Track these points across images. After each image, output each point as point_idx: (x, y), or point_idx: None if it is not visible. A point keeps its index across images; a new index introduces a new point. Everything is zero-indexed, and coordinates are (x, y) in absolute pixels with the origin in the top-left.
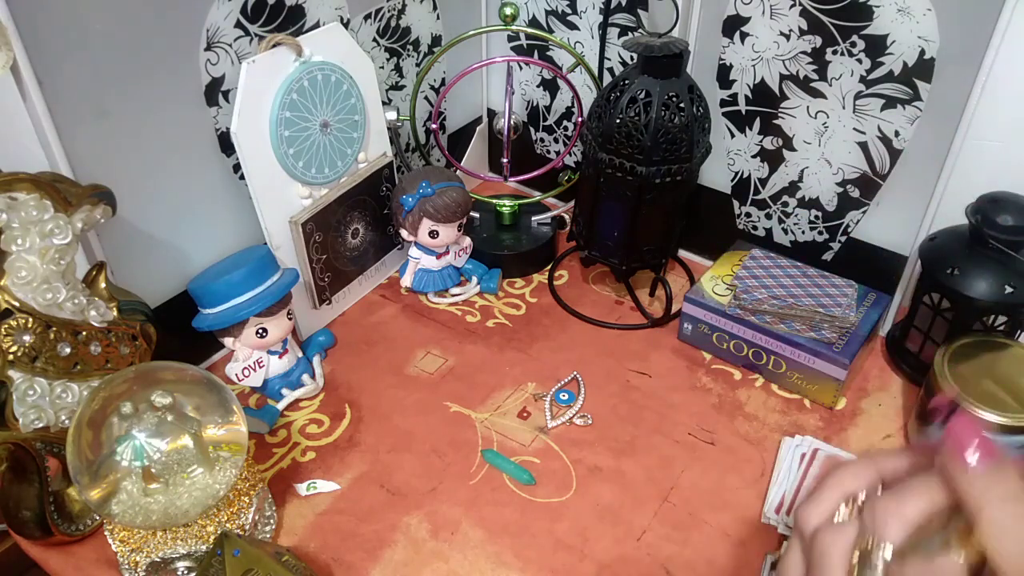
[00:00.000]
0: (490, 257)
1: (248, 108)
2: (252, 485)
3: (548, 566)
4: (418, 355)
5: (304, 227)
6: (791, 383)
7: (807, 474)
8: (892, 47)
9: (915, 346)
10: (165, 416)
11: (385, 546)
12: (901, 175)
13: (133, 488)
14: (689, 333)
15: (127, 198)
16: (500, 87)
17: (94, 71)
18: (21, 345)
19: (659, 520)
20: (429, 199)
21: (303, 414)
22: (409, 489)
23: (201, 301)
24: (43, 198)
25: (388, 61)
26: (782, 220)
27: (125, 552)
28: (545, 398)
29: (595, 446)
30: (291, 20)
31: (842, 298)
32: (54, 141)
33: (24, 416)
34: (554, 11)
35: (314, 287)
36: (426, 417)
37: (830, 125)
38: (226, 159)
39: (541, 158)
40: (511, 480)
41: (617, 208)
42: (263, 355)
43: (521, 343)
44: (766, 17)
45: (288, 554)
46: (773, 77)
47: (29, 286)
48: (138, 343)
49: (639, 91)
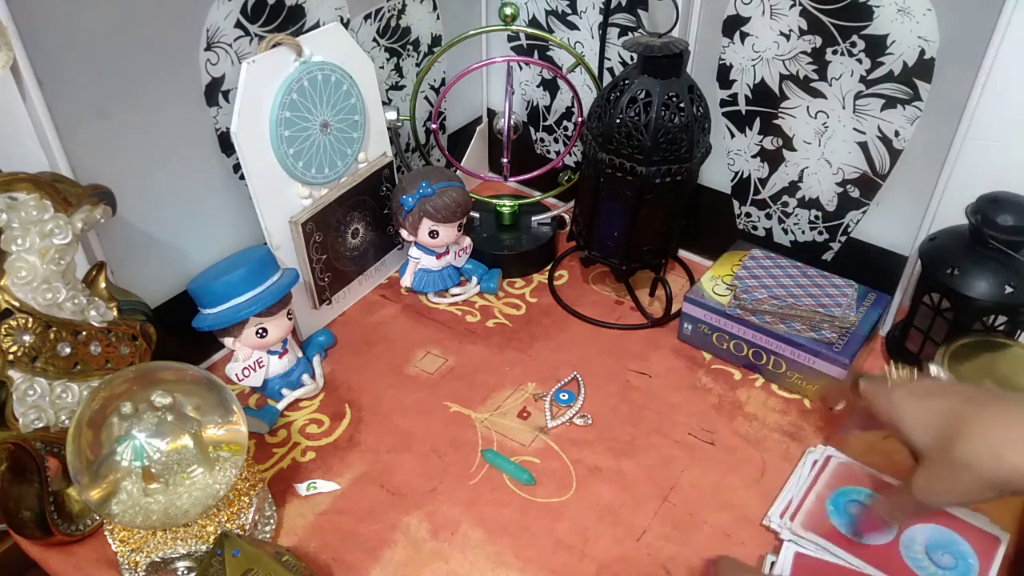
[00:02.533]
0: (490, 257)
1: (248, 108)
2: (252, 485)
3: (548, 566)
4: (418, 355)
5: (304, 227)
6: (791, 383)
7: (816, 481)
8: (892, 47)
9: (915, 346)
10: (165, 416)
11: (385, 546)
12: (901, 175)
13: (133, 488)
14: (689, 333)
15: (127, 198)
16: (500, 87)
17: (94, 71)
18: (21, 345)
19: (659, 520)
20: (429, 199)
21: (303, 414)
22: (409, 489)
23: (201, 301)
24: (43, 198)
25: (388, 61)
26: (782, 220)
27: (125, 552)
28: (545, 398)
29: (595, 446)
30: (291, 20)
31: (842, 298)
32: (54, 141)
33: (24, 416)
34: (554, 11)
35: (314, 287)
36: (426, 417)
37: (830, 125)
38: (226, 159)
39: (541, 158)
40: (511, 480)
41: (617, 208)
42: (263, 355)
43: (521, 343)
44: (766, 17)
45: (288, 554)
46: (773, 77)
47: (29, 286)
48: (138, 343)
49: (639, 91)
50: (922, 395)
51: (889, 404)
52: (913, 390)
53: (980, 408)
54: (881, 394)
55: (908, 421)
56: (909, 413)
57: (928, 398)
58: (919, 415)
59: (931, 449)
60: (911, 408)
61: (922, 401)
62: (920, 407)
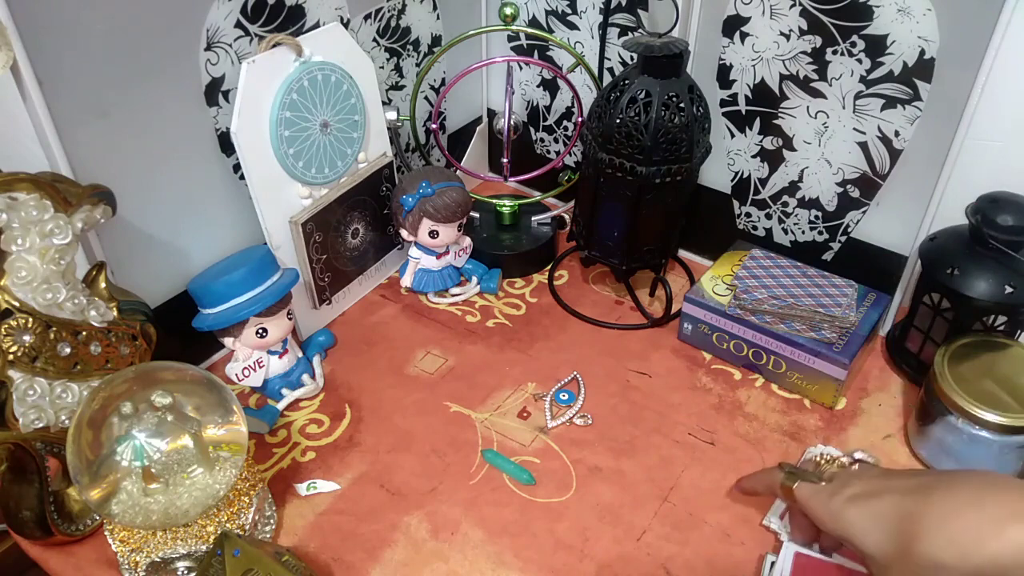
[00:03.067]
0: (490, 257)
1: (248, 108)
2: (252, 485)
3: (548, 566)
4: (418, 355)
5: (304, 227)
6: (791, 383)
7: None
8: (892, 47)
9: (915, 346)
10: (165, 416)
11: (385, 546)
12: (901, 175)
13: (133, 488)
14: (689, 333)
15: (127, 198)
16: (500, 87)
17: (94, 71)
18: (21, 345)
19: (659, 520)
20: (429, 199)
21: (303, 414)
22: (409, 489)
23: (201, 301)
24: (43, 198)
25: (388, 61)
26: (782, 220)
27: (125, 552)
28: (545, 398)
29: (595, 446)
30: (291, 20)
31: (842, 298)
32: (54, 141)
33: (24, 416)
34: (554, 11)
35: (314, 287)
36: (426, 417)
37: (830, 125)
38: (226, 159)
39: (541, 158)
40: (511, 480)
41: (617, 208)
42: (263, 355)
43: (521, 343)
44: (766, 17)
45: (288, 554)
46: (773, 77)
47: (29, 286)
48: (138, 343)
49: (639, 91)
50: (863, 499)
51: (831, 516)
52: (852, 496)
53: (926, 499)
54: (819, 504)
55: (858, 535)
56: (856, 525)
57: (870, 501)
58: (867, 525)
59: (891, 559)
60: (856, 518)
61: (866, 506)
62: (865, 514)
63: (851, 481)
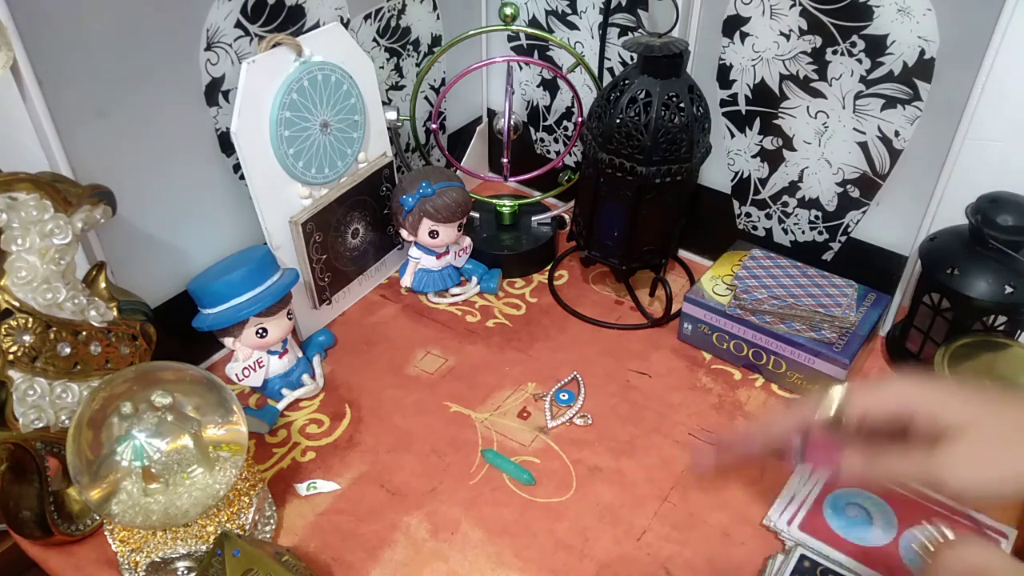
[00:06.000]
0: (490, 257)
1: (248, 108)
2: (252, 485)
3: (548, 566)
4: (418, 355)
5: (304, 227)
6: (791, 383)
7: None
8: (892, 47)
9: (915, 346)
10: (165, 416)
11: (385, 546)
12: (901, 175)
13: (133, 488)
14: (689, 333)
15: (127, 198)
16: (500, 87)
17: (94, 71)
18: (21, 345)
19: (659, 520)
20: (429, 199)
21: (303, 414)
22: (409, 489)
23: (201, 301)
24: (43, 198)
25: (388, 61)
26: (782, 220)
27: (125, 552)
28: (545, 398)
29: (595, 446)
30: (291, 20)
31: (842, 298)
32: (54, 141)
33: (24, 416)
34: (554, 11)
35: (314, 287)
36: (426, 417)
37: (830, 125)
38: (226, 159)
39: (541, 158)
40: (511, 480)
41: (617, 208)
42: (263, 355)
43: (521, 343)
44: (766, 17)
45: (288, 554)
46: (773, 77)
47: (29, 286)
48: (138, 343)
49: (639, 91)
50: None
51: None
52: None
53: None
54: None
55: (941, 397)
56: (944, 390)
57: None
58: (955, 390)
59: (976, 415)
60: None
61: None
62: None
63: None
